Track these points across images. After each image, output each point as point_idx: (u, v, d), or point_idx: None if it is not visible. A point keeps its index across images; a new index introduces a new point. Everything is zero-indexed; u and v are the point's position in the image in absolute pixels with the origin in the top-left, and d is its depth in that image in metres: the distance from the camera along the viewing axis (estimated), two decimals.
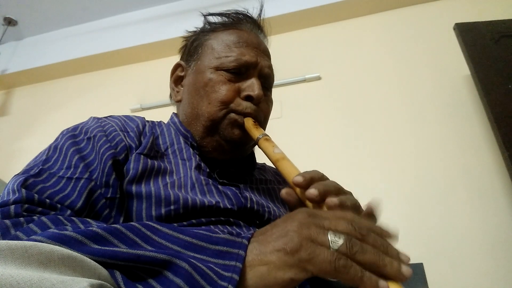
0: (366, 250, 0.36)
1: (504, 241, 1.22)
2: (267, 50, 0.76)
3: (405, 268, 0.37)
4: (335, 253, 0.35)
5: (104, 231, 0.36)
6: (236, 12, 0.75)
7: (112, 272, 0.32)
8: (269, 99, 0.74)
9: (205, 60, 0.70)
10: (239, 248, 0.38)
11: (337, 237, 0.37)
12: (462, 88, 1.56)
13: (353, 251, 0.36)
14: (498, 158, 1.35)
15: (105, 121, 0.62)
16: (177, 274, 0.33)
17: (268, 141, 0.61)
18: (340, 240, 0.36)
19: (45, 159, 0.52)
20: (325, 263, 0.35)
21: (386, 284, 0.35)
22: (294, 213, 0.41)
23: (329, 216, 0.40)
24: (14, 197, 0.43)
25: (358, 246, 0.36)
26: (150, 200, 0.52)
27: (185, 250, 0.37)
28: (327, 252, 0.35)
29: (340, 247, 0.36)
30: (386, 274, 0.36)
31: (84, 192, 0.49)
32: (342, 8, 1.92)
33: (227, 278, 0.34)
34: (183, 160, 0.62)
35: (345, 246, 0.36)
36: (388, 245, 0.39)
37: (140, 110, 2.02)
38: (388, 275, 0.36)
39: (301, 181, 0.46)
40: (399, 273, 0.36)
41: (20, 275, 0.24)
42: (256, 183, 0.70)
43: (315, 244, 0.36)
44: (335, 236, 0.37)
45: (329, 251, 0.36)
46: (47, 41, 2.40)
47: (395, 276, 0.36)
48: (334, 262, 0.35)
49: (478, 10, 1.70)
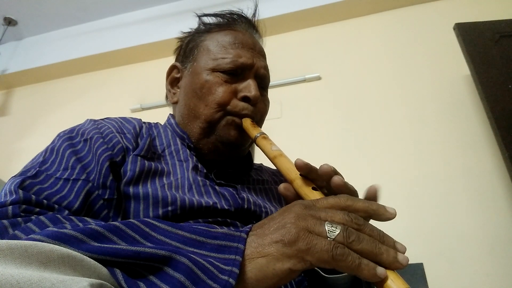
0: (362, 239, 0.37)
1: (504, 241, 1.22)
2: (263, 50, 0.76)
3: (401, 256, 0.38)
4: (332, 242, 0.36)
5: (103, 229, 0.36)
6: (230, 12, 0.76)
7: (112, 270, 0.32)
8: (266, 99, 0.75)
9: (201, 62, 0.70)
10: (238, 242, 0.38)
11: (333, 227, 0.37)
12: (462, 88, 1.56)
13: (349, 240, 0.37)
14: (498, 158, 1.35)
15: (102, 123, 0.62)
16: (177, 270, 0.34)
17: (265, 139, 0.62)
18: (336, 230, 0.37)
19: (42, 161, 0.52)
20: (322, 252, 0.35)
21: (384, 270, 0.36)
22: (291, 205, 0.41)
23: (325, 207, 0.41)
24: (12, 198, 0.43)
25: (355, 235, 0.37)
26: (147, 201, 0.52)
27: (184, 246, 0.37)
28: (325, 241, 0.36)
29: (337, 236, 0.37)
30: (383, 263, 0.37)
31: (81, 193, 0.49)
32: (342, 8, 1.92)
33: (227, 271, 0.35)
34: (180, 161, 0.63)
35: (341, 236, 0.37)
36: (384, 234, 0.40)
37: (140, 110, 2.02)
38: (384, 263, 0.37)
39: (303, 163, 0.48)
40: (396, 261, 0.37)
41: (20, 275, 0.24)
42: (253, 184, 0.70)
43: (312, 235, 0.37)
44: (331, 226, 0.37)
45: (327, 241, 0.36)
46: (47, 41, 2.40)
47: (392, 264, 0.37)
48: (331, 251, 0.35)
49: (478, 10, 1.71)
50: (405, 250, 0.39)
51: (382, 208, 0.43)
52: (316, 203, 0.42)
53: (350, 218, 0.39)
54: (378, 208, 0.43)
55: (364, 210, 0.42)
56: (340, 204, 0.42)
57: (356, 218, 0.39)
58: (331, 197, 0.43)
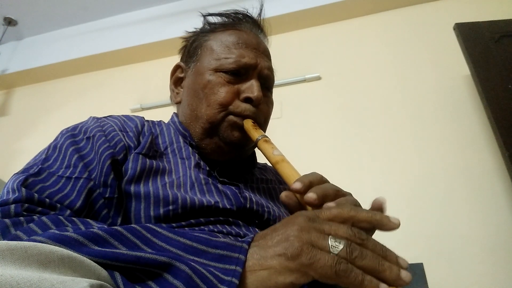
0: (365, 256, 0.37)
1: (504, 241, 1.22)
2: (267, 50, 0.75)
3: (404, 273, 0.37)
4: (335, 258, 0.35)
5: (104, 233, 0.36)
6: (235, 12, 0.75)
7: (111, 273, 0.32)
8: (269, 100, 0.74)
9: (204, 62, 0.70)
10: (239, 253, 0.38)
11: (337, 242, 0.37)
12: (462, 88, 1.56)
13: (353, 256, 0.36)
14: (498, 158, 1.35)
15: (104, 121, 0.62)
16: (176, 277, 0.33)
17: (267, 142, 0.61)
18: (340, 245, 0.37)
19: (45, 158, 0.52)
20: (326, 268, 0.35)
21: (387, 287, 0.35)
22: (294, 216, 0.41)
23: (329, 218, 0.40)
24: (14, 196, 0.43)
25: (358, 251, 0.37)
26: (148, 200, 0.52)
27: (185, 253, 0.37)
28: (328, 256, 0.36)
29: (340, 252, 0.36)
30: (386, 280, 0.36)
31: (83, 192, 0.49)
32: (342, 8, 1.92)
33: (226, 281, 0.35)
34: (182, 159, 0.62)
35: (345, 251, 0.36)
36: (386, 249, 0.39)
37: (140, 110, 2.02)
38: (387, 280, 0.36)
39: (299, 187, 0.46)
40: (399, 278, 0.37)
41: (20, 276, 0.24)
42: (257, 182, 0.70)
43: (315, 249, 0.36)
44: (335, 241, 0.37)
45: (330, 256, 0.36)
46: (47, 41, 2.40)
47: (395, 281, 0.36)
48: (335, 267, 0.35)
49: (478, 10, 1.70)
50: (407, 266, 0.39)
51: (385, 219, 0.42)
52: (319, 214, 0.41)
53: (353, 233, 0.38)
54: (382, 219, 0.42)
55: (368, 220, 0.41)
56: (343, 214, 0.41)
57: (359, 233, 0.39)
58: (335, 207, 0.42)
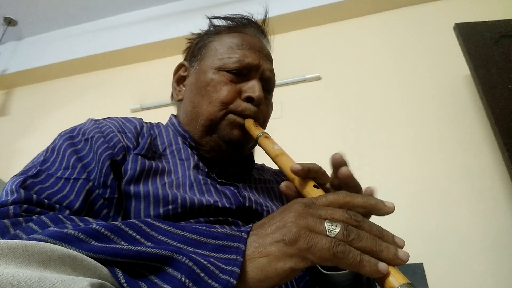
0: (362, 237, 0.37)
1: (504, 241, 1.22)
2: (270, 55, 0.77)
3: (402, 253, 0.38)
4: (333, 240, 0.36)
5: (104, 229, 0.36)
6: (241, 16, 0.77)
7: (112, 270, 0.32)
8: (269, 102, 0.75)
9: (208, 61, 0.71)
10: (238, 242, 0.38)
11: (333, 225, 0.38)
12: (462, 88, 1.56)
13: (350, 238, 0.37)
14: (498, 158, 1.35)
15: (103, 123, 0.62)
16: (178, 269, 0.34)
17: (267, 138, 0.62)
18: (336, 228, 0.37)
19: (43, 160, 0.52)
20: (324, 251, 0.36)
21: (386, 266, 0.36)
22: (291, 204, 0.42)
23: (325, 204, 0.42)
24: (13, 198, 0.43)
25: (355, 233, 0.37)
26: (148, 200, 0.53)
27: (185, 246, 0.38)
28: (325, 239, 0.36)
29: (337, 234, 0.37)
30: (384, 259, 0.37)
31: (82, 193, 0.49)
32: (342, 8, 1.92)
33: (228, 271, 0.35)
34: (181, 160, 0.63)
35: (342, 234, 0.37)
36: (382, 230, 0.40)
37: (140, 110, 2.02)
38: (385, 260, 0.37)
39: (299, 169, 0.48)
40: (397, 257, 0.37)
41: (21, 275, 0.24)
42: (255, 183, 0.71)
43: (313, 233, 0.37)
44: (331, 224, 0.38)
45: (327, 239, 0.36)
46: (47, 41, 2.40)
47: (393, 261, 0.37)
48: (332, 249, 0.36)
49: (478, 10, 1.71)
50: (404, 244, 0.39)
51: (380, 203, 0.43)
52: (315, 200, 0.42)
53: (349, 215, 0.39)
54: (377, 203, 0.43)
55: (363, 205, 0.42)
56: (339, 200, 0.42)
57: (355, 215, 0.39)
58: (330, 194, 0.43)
